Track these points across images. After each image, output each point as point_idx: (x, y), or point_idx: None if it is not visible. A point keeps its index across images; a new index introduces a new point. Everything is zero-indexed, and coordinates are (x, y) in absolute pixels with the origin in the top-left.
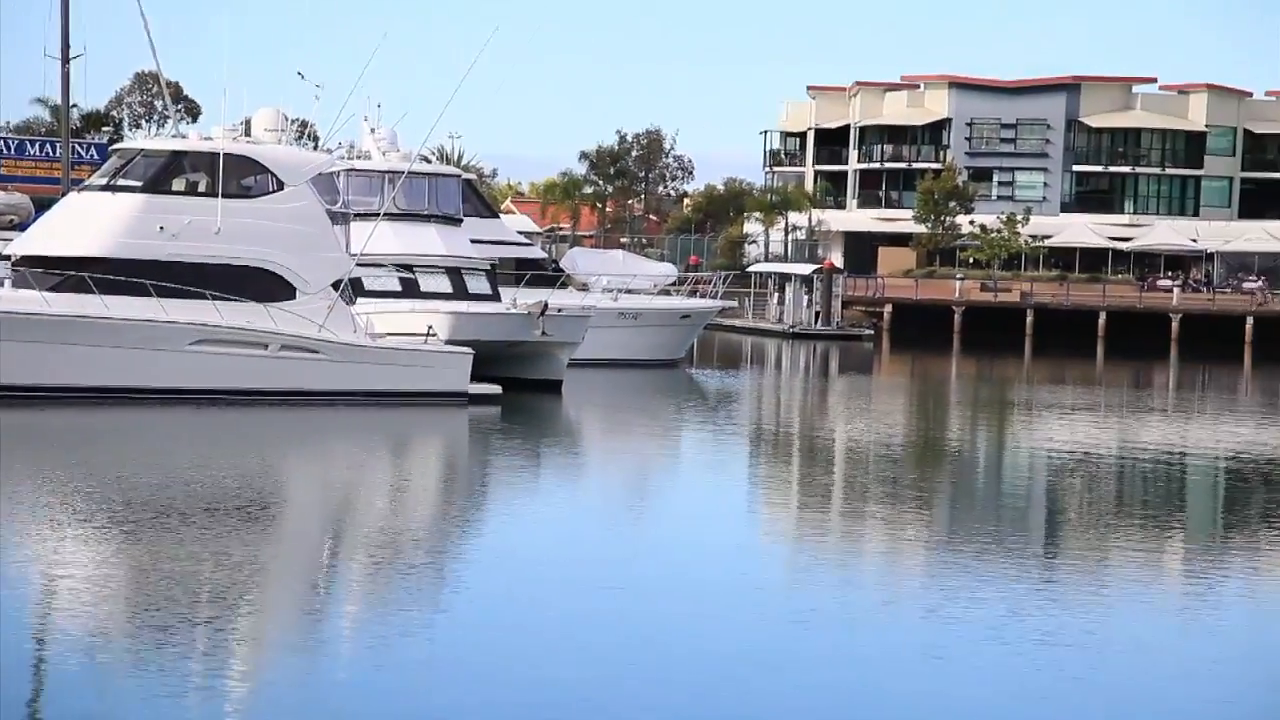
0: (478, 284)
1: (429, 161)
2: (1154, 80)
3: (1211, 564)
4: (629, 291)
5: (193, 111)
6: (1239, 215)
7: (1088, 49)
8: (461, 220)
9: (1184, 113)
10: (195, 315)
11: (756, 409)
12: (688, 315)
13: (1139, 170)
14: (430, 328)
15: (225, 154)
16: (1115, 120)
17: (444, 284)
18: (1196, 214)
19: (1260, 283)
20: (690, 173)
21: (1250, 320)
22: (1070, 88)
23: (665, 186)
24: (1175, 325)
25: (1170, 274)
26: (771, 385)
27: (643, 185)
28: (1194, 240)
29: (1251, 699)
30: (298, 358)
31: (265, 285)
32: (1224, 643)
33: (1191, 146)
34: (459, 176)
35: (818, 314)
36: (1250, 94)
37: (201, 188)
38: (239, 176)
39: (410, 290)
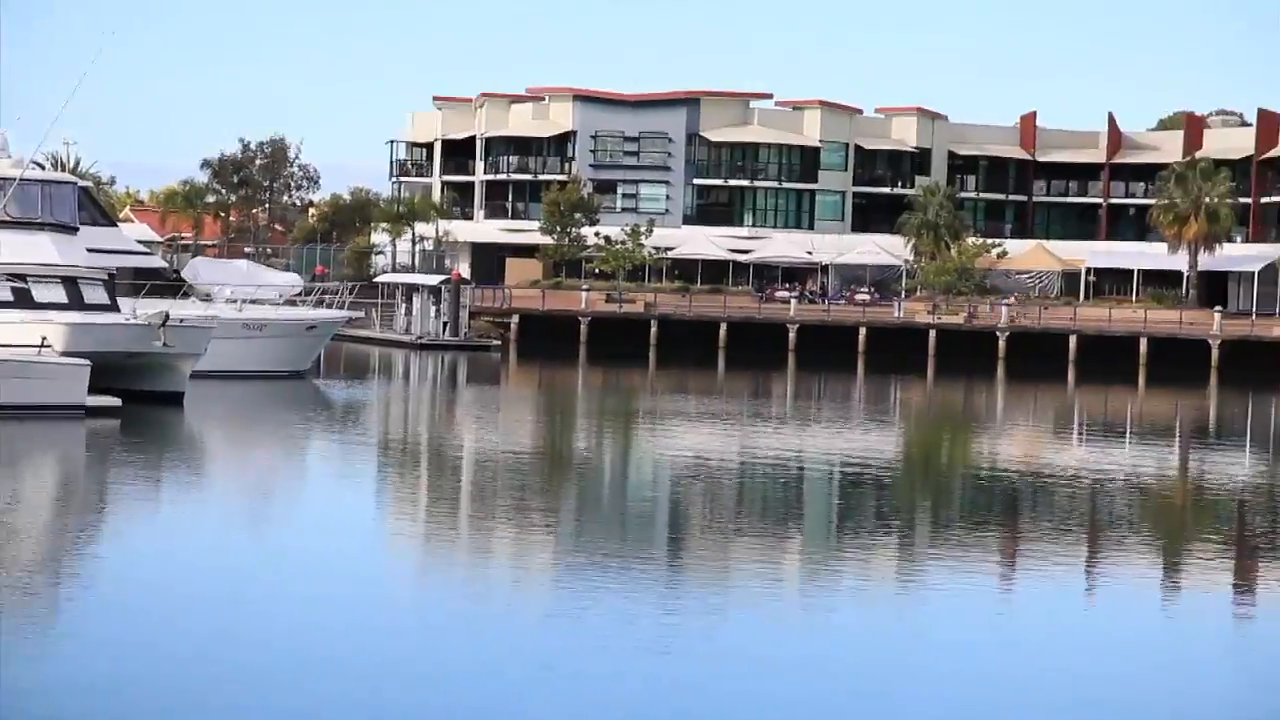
0: (95, 294)
1: (42, 168)
2: (770, 96)
3: (825, 568)
4: (253, 302)
5: None
6: (851, 228)
7: (708, 64)
8: (78, 229)
9: (799, 128)
10: None
11: (384, 420)
12: (314, 326)
13: (757, 184)
14: (44, 339)
15: None
16: (734, 135)
17: (59, 294)
18: (812, 227)
19: (871, 294)
20: (316, 182)
21: (863, 330)
22: (690, 102)
23: (290, 196)
24: (793, 335)
25: (788, 285)
26: (399, 396)
27: (267, 194)
28: (810, 252)
29: (857, 698)
30: None
31: None
32: (836, 644)
33: (806, 161)
34: (74, 184)
35: (445, 325)
36: (861, 111)
37: None
38: None
39: (23, 300)
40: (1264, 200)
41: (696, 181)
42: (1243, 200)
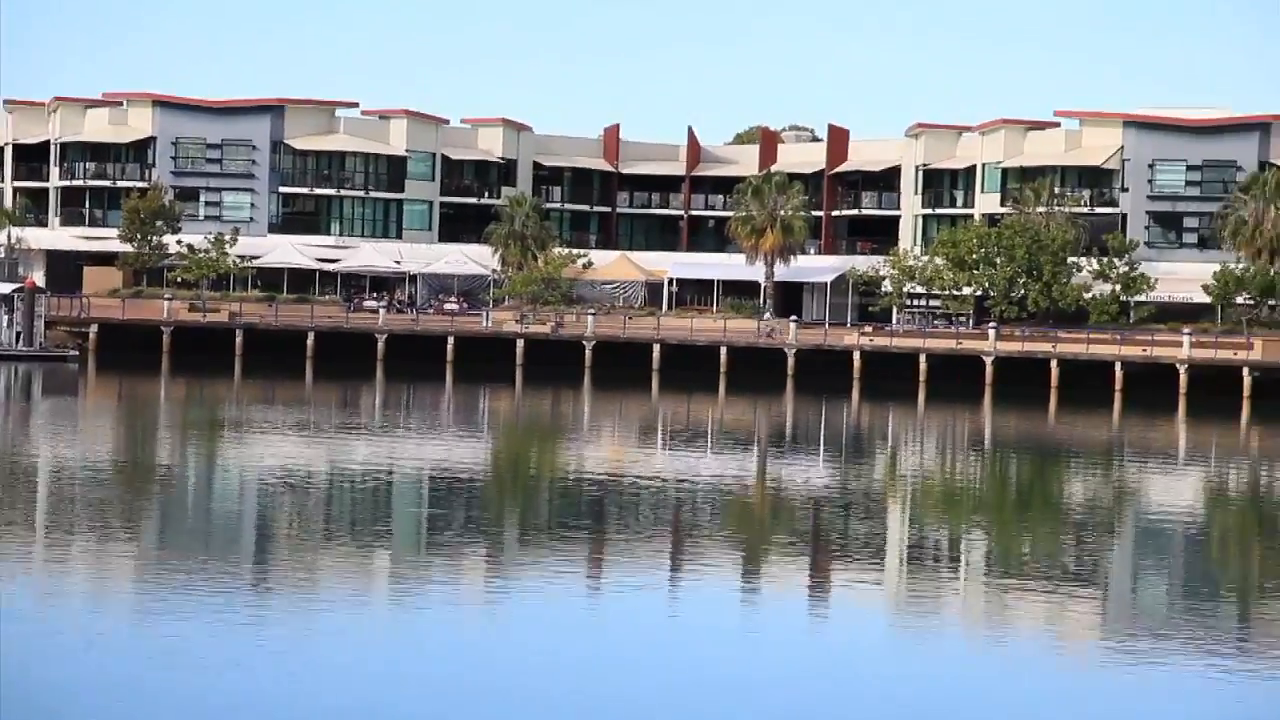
0: None
1: None
2: (356, 105)
3: (414, 577)
4: None
5: None
6: (439, 238)
7: (292, 71)
8: None
9: (385, 137)
10: None
11: None
12: None
13: (344, 193)
14: None
15: None
16: (319, 143)
17: None
18: (399, 236)
19: (460, 304)
20: None
21: (451, 340)
22: (275, 109)
23: None
24: (381, 345)
25: (376, 295)
26: None
27: None
28: (398, 262)
29: (440, 705)
30: None
31: None
32: (423, 652)
33: (393, 170)
34: None
35: (19, 335)
36: (447, 121)
37: None
38: None
39: None
40: (835, 213)
41: (282, 190)
42: (815, 213)
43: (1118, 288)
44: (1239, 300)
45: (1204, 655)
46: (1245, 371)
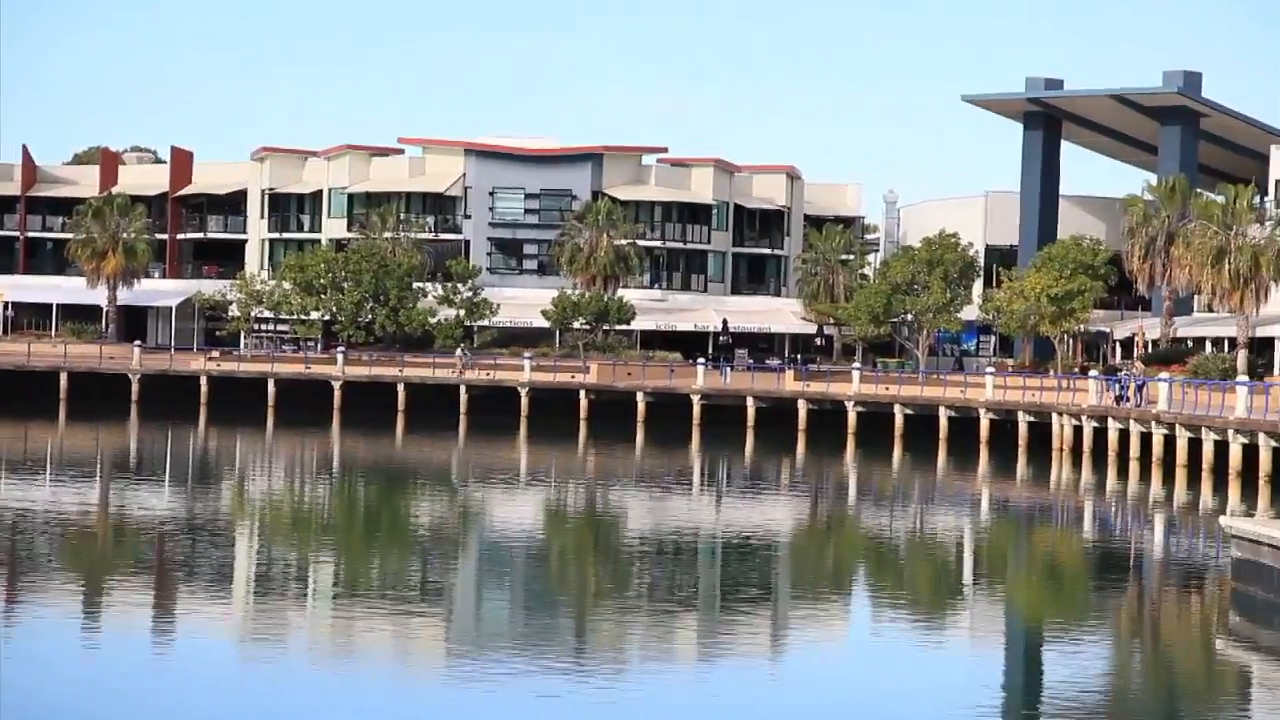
0: None
1: None
2: None
3: None
4: None
5: None
6: None
7: None
8: None
9: None
10: None
11: None
12: None
13: None
14: None
15: None
16: None
17: None
18: None
19: None
20: None
21: None
22: None
23: None
24: None
25: None
26: None
27: None
28: None
29: None
30: None
31: None
32: None
33: None
34: None
35: None
36: None
37: None
38: None
39: None
40: (180, 236)
41: None
42: (159, 236)
43: (462, 313)
44: (576, 325)
45: (543, 669)
46: (582, 393)
